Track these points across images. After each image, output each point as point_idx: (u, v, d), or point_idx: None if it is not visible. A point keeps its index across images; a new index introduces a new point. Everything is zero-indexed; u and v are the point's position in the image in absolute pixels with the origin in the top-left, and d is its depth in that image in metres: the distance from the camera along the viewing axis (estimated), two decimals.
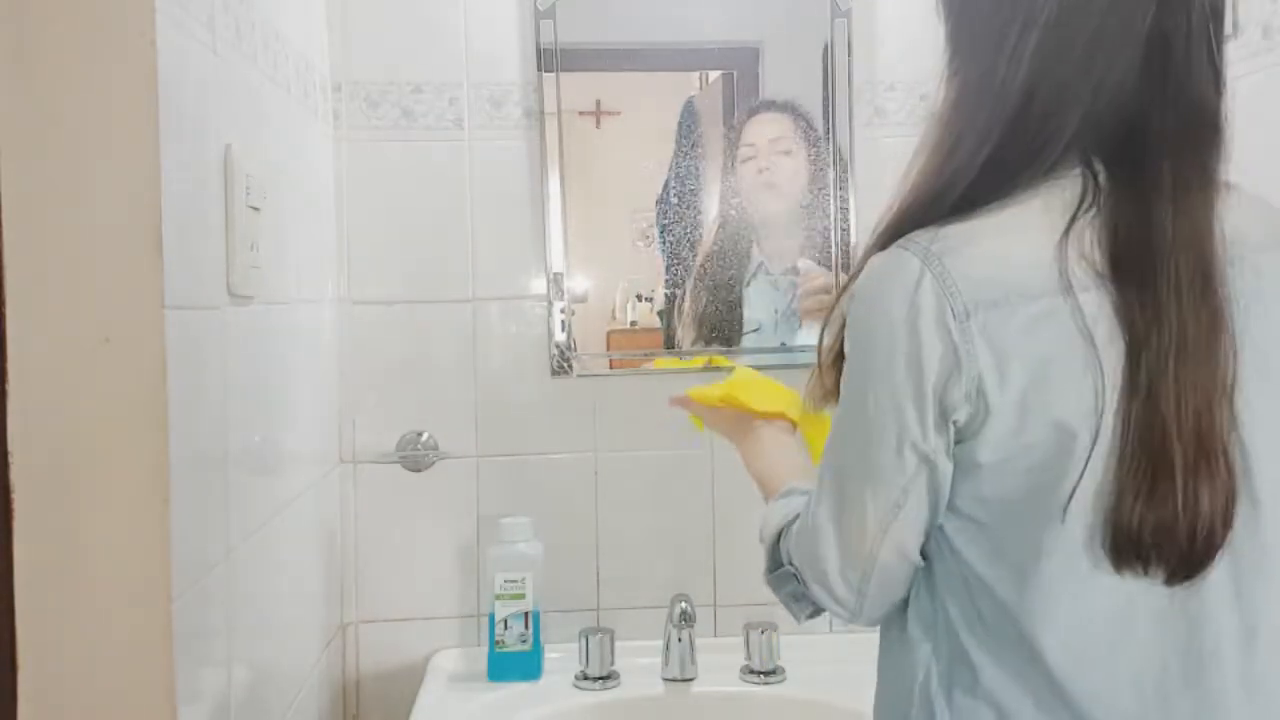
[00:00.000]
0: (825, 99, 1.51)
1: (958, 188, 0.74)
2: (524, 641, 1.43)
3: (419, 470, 1.52)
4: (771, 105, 1.54)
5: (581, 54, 1.49)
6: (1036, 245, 0.70)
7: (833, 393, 0.80)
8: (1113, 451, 0.69)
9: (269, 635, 1.16)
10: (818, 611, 0.87)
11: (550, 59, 1.48)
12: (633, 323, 1.53)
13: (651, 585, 1.52)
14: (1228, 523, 0.69)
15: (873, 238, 0.78)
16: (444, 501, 1.52)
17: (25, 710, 0.79)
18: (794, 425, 1.10)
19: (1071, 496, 0.69)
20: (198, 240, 0.94)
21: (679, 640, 1.42)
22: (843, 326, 0.78)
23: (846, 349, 0.77)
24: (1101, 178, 0.73)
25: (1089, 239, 0.71)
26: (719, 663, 1.44)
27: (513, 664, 1.43)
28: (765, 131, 1.52)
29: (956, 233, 0.73)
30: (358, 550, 1.51)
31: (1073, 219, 0.71)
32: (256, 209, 1.09)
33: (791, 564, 0.86)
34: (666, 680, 1.43)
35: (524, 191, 1.51)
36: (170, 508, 0.84)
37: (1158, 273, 0.69)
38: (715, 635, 1.53)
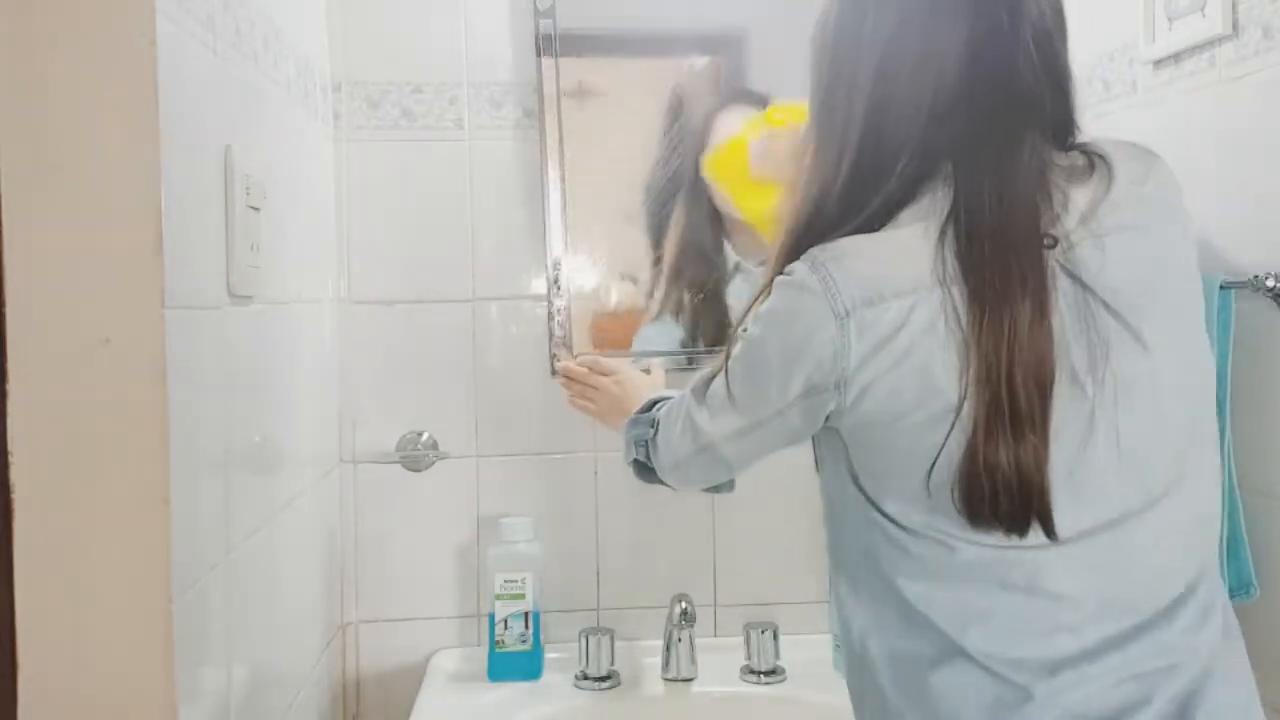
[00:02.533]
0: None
1: (830, 202, 0.83)
2: (524, 641, 1.43)
3: (419, 470, 1.52)
4: (744, 97, 1.51)
5: (575, 39, 1.48)
6: (913, 248, 0.78)
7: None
8: (964, 427, 0.75)
9: (269, 635, 1.16)
10: (646, 470, 1.06)
11: (549, 44, 1.47)
12: (617, 304, 1.52)
13: (651, 585, 1.52)
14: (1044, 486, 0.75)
15: (773, 263, 0.87)
16: (444, 501, 1.52)
17: (25, 710, 0.79)
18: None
19: (935, 461, 0.77)
20: (198, 240, 0.94)
21: (679, 640, 1.42)
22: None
23: (755, 330, 0.86)
24: (961, 179, 0.80)
25: (953, 238, 0.78)
26: (719, 663, 1.44)
27: (513, 664, 1.43)
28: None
29: (844, 243, 0.81)
30: (358, 550, 1.51)
31: (945, 221, 0.78)
32: (256, 209, 1.09)
33: (656, 419, 1.04)
34: (666, 680, 1.43)
35: (524, 191, 1.51)
36: (170, 508, 0.84)
37: (981, 266, 0.76)
38: (715, 635, 1.53)
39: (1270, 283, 1.05)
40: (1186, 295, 0.83)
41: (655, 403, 1.10)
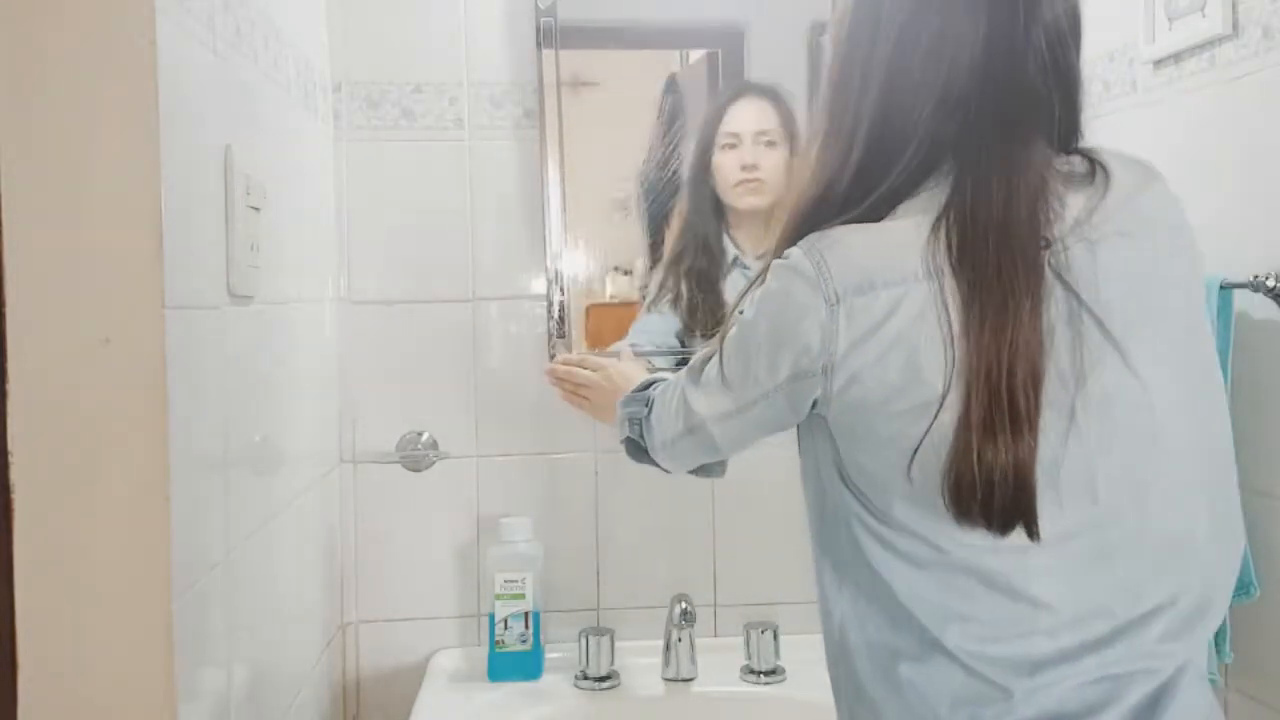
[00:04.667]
0: (809, 82, 1.50)
1: (836, 189, 0.84)
2: (524, 641, 1.43)
3: (419, 470, 1.52)
4: (758, 91, 1.51)
5: (574, 32, 1.48)
6: (906, 241, 0.78)
7: None
8: (950, 415, 0.75)
9: (269, 635, 1.16)
10: (639, 448, 1.07)
11: (550, 38, 1.47)
12: (611, 296, 1.52)
13: (651, 585, 1.52)
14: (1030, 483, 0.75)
15: (774, 249, 0.87)
16: (444, 501, 1.52)
17: (25, 710, 0.79)
18: None
19: (916, 451, 0.76)
20: (198, 240, 0.94)
21: (679, 640, 1.42)
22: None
23: (749, 317, 0.87)
24: (965, 173, 0.80)
25: (948, 230, 0.78)
26: (719, 663, 1.44)
27: (513, 664, 1.43)
28: (751, 122, 1.50)
29: (841, 231, 0.82)
30: (358, 550, 1.51)
31: (941, 214, 0.78)
32: (256, 209, 1.09)
33: (651, 398, 1.06)
34: (666, 680, 1.43)
35: (524, 191, 1.51)
36: (170, 508, 0.84)
37: (983, 262, 0.76)
38: (715, 635, 1.53)
39: (1270, 283, 1.05)
40: (1184, 316, 0.82)
41: (651, 383, 1.11)
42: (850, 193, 0.83)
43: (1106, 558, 0.78)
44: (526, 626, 1.43)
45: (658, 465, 1.07)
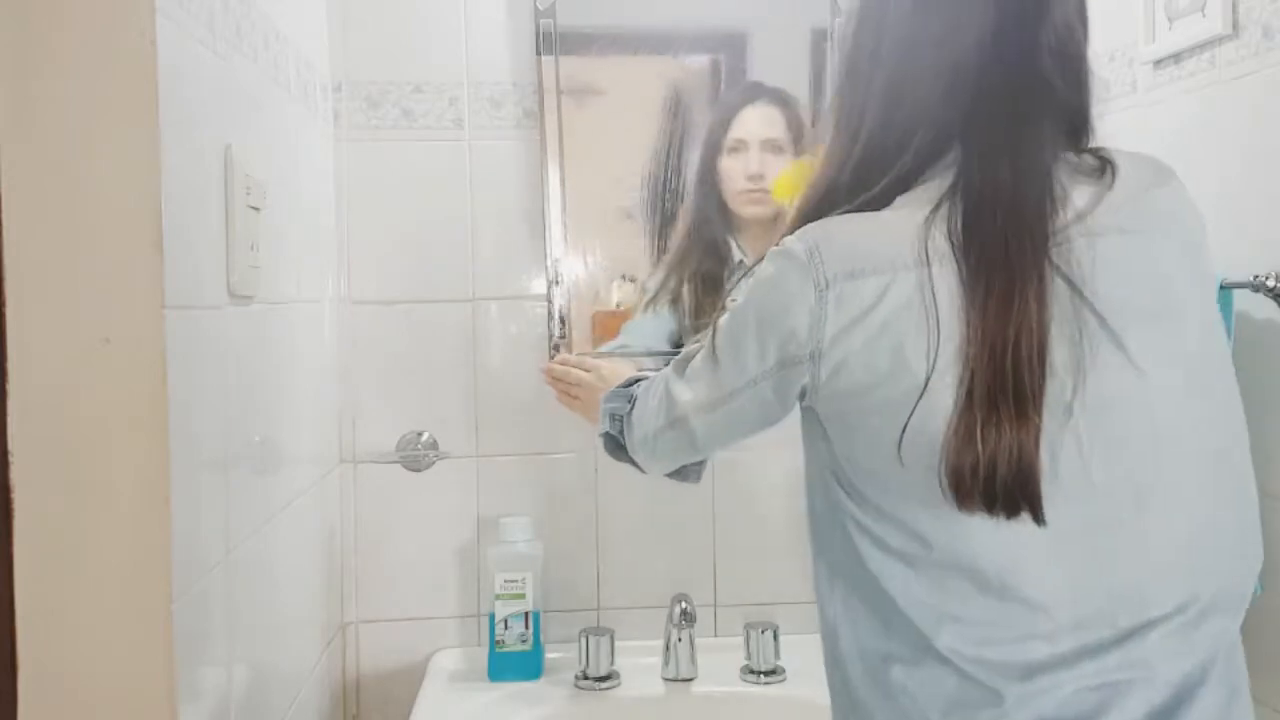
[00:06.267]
0: (811, 87, 1.50)
1: (842, 178, 0.84)
2: (524, 641, 1.43)
3: (419, 470, 1.52)
4: (767, 95, 1.50)
5: (574, 38, 1.48)
6: (900, 229, 0.78)
7: None
8: (944, 398, 0.74)
9: (269, 635, 1.16)
10: (617, 445, 1.07)
11: (549, 43, 1.48)
12: (618, 304, 1.52)
13: (651, 585, 1.52)
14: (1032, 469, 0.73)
15: (779, 238, 0.86)
16: (444, 501, 1.52)
17: (25, 710, 0.79)
18: None
19: (903, 436, 0.76)
20: (198, 240, 0.94)
21: (679, 640, 1.42)
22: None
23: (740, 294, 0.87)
24: (971, 155, 0.80)
25: (949, 216, 0.78)
26: (719, 663, 1.44)
27: (513, 664, 1.43)
28: (759, 128, 1.49)
29: (837, 219, 0.82)
30: (358, 550, 1.51)
31: (939, 201, 0.78)
32: (256, 209, 1.09)
33: (634, 395, 1.05)
34: (666, 680, 1.43)
35: (524, 191, 1.51)
36: (170, 508, 0.84)
37: (990, 241, 0.75)
38: (715, 635, 1.53)
39: (1270, 283, 1.05)
40: (1198, 316, 0.80)
41: (637, 380, 1.10)
42: (856, 182, 0.83)
43: (1107, 561, 0.76)
44: (526, 626, 1.43)
45: (635, 464, 1.06)
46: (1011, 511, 0.73)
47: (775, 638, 1.44)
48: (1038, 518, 0.73)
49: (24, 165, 0.79)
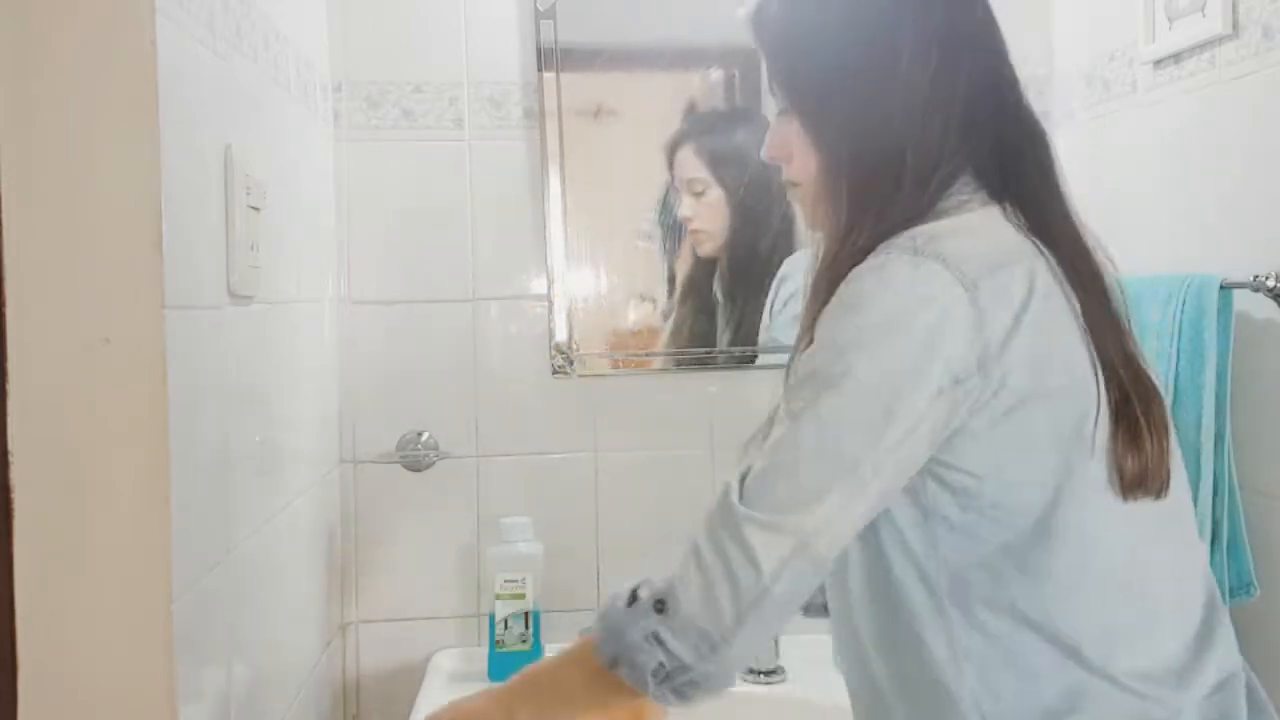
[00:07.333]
0: None
1: (897, 199, 0.77)
2: (524, 641, 1.43)
3: (419, 470, 1.52)
4: (682, 136, 1.49)
5: (581, 53, 1.49)
6: (994, 228, 0.78)
7: None
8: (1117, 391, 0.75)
9: (269, 635, 1.16)
10: (666, 675, 0.81)
11: (550, 58, 1.48)
12: (635, 323, 1.52)
13: None
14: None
15: (828, 265, 0.79)
16: (444, 501, 1.52)
17: (25, 710, 0.79)
18: None
19: (1095, 428, 0.74)
20: (198, 240, 0.94)
21: None
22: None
23: (838, 346, 0.73)
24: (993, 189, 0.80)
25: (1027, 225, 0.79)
26: None
27: (513, 664, 1.43)
28: (681, 171, 1.49)
29: (925, 229, 0.75)
30: (358, 550, 1.51)
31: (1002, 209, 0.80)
32: (256, 209, 1.09)
33: (660, 593, 0.84)
34: None
35: (524, 191, 1.51)
36: (170, 508, 0.84)
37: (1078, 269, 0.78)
38: None
39: (1270, 283, 1.05)
40: None
41: (617, 594, 0.88)
42: (913, 188, 0.78)
43: (1184, 553, 0.81)
44: (526, 626, 1.43)
45: (711, 683, 0.82)
46: (1164, 488, 0.76)
47: (775, 637, 1.44)
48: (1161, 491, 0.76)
49: (24, 165, 0.79)
